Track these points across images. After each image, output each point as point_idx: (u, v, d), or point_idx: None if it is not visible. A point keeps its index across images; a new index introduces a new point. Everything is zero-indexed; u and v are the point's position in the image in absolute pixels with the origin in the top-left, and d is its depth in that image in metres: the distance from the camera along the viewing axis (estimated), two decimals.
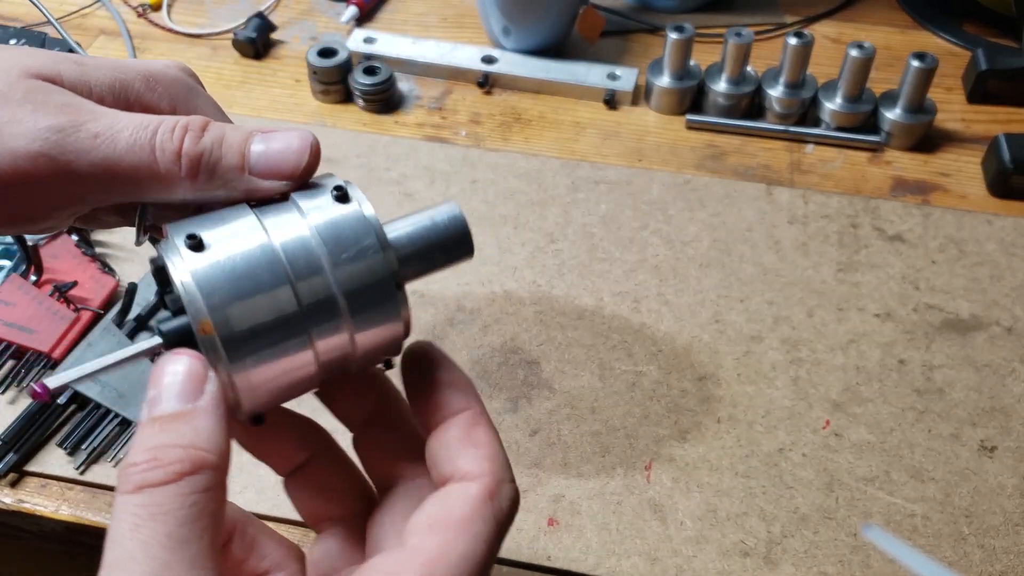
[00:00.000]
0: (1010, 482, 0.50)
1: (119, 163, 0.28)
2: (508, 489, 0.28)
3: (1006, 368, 0.54)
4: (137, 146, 0.28)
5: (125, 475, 0.24)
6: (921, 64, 0.64)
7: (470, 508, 0.27)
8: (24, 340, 0.53)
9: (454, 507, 0.27)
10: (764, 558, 0.47)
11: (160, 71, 0.32)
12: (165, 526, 0.23)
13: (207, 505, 0.24)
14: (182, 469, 0.24)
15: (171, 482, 0.24)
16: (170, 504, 0.24)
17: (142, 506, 0.23)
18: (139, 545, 0.23)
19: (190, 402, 0.25)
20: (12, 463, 0.49)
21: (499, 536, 0.28)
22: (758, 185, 0.65)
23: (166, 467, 0.24)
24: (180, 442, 0.25)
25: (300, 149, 0.29)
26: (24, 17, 0.79)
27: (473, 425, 0.29)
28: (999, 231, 0.62)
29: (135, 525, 0.23)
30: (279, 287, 0.27)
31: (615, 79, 0.72)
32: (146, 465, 0.24)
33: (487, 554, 0.27)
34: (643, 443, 0.51)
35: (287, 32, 0.78)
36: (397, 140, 0.68)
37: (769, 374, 0.54)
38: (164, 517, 0.23)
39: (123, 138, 0.28)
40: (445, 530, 0.27)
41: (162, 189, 0.29)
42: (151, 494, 0.24)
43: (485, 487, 0.28)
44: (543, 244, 0.61)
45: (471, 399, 0.30)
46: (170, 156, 0.28)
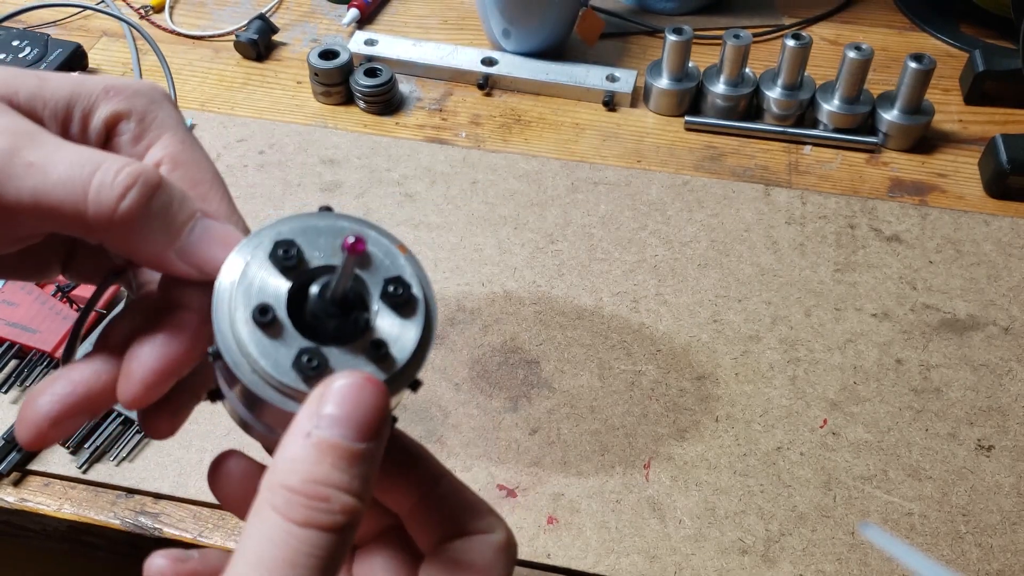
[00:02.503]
0: (1007, 481, 0.50)
1: (48, 196, 0.26)
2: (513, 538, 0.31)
3: (1003, 368, 0.55)
4: (71, 182, 0.26)
5: (286, 498, 0.23)
6: (919, 65, 0.65)
7: (493, 554, 0.29)
8: (27, 340, 0.53)
9: (481, 555, 0.29)
10: (762, 556, 0.47)
11: (122, 83, 0.30)
12: (317, 569, 0.23)
13: (344, 556, 0.24)
14: (345, 522, 0.24)
15: (334, 531, 0.23)
16: (329, 550, 0.23)
17: (303, 543, 0.23)
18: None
19: (370, 442, 0.24)
20: (15, 462, 0.50)
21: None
22: (756, 186, 0.65)
23: (334, 514, 0.23)
24: (351, 488, 0.24)
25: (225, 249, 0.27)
26: (27, 18, 0.80)
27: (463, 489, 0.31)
28: (996, 231, 0.62)
29: (291, 562, 0.23)
30: None
31: (614, 81, 0.72)
32: (316, 500, 0.23)
33: None
34: (642, 442, 0.51)
35: (288, 34, 0.79)
36: (398, 141, 0.69)
37: (767, 373, 0.54)
38: (320, 562, 0.23)
39: (58, 171, 0.26)
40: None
41: (85, 231, 0.26)
42: (316, 535, 0.23)
43: (504, 536, 0.30)
44: (543, 244, 0.62)
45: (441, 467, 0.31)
46: (107, 200, 0.26)
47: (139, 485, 0.49)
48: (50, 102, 0.29)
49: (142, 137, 0.30)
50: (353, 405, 0.24)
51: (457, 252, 0.61)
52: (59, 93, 0.29)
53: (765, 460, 0.51)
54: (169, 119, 0.31)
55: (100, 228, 0.26)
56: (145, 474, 0.50)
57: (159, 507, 0.49)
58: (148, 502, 0.49)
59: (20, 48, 0.72)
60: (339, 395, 0.24)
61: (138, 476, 0.50)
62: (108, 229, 0.26)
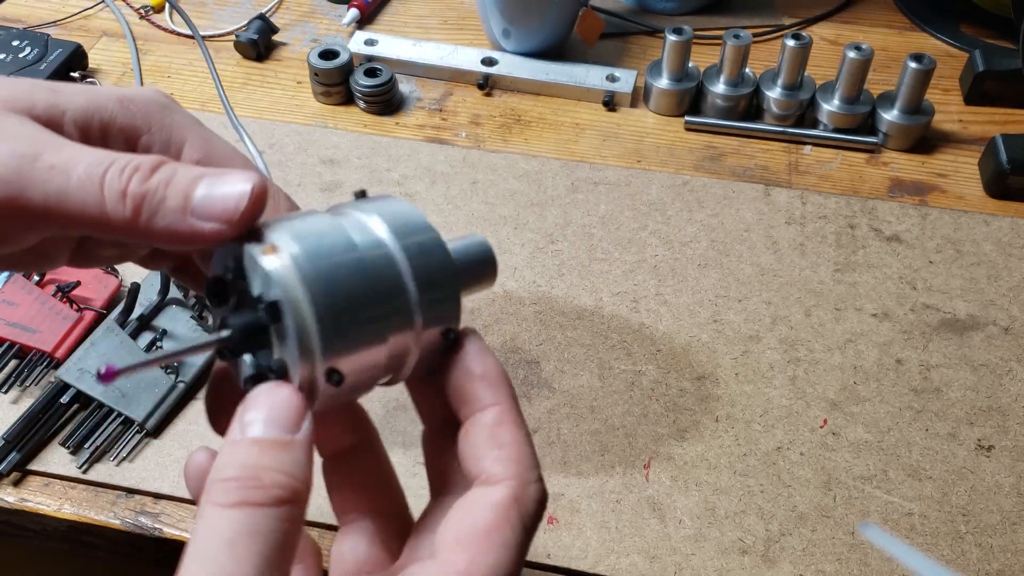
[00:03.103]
0: (1007, 481, 0.50)
1: (69, 197, 0.27)
2: (534, 490, 0.28)
3: (1003, 368, 0.55)
4: (89, 181, 0.27)
5: (221, 488, 0.24)
6: (919, 65, 0.65)
7: (495, 516, 0.27)
8: (27, 340, 0.53)
9: (480, 517, 0.27)
10: (762, 556, 0.47)
11: (134, 93, 0.31)
12: (261, 547, 0.24)
13: (294, 536, 0.25)
14: (282, 496, 0.25)
15: (271, 506, 0.24)
16: (268, 527, 0.24)
17: (240, 523, 0.24)
18: (233, 561, 0.23)
19: (290, 433, 0.26)
20: (15, 462, 0.50)
21: (527, 538, 0.28)
22: (756, 186, 0.65)
23: (267, 489, 0.24)
24: (282, 469, 0.25)
25: (239, 195, 0.27)
26: (27, 18, 0.80)
27: (499, 423, 0.29)
28: (996, 231, 0.62)
29: (231, 541, 0.23)
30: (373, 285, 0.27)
31: (614, 81, 0.72)
32: (248, 483, 0.24)
33: (516, 559, 0.27)
34: (642, 442, 0.51)
35: (288, 34, 0.79)
36: (398, 141, 0.69)
37: (767, 373, 0.54)
38: (261, 539, 0.24)
39: (77, 172, 0.27)
40: (473, 543, 0.27)
41: (108, 227, 0.28)
42: (251, 513, 0.24)
43: (510, 491, 0.28)
44: (543, 244, 0.62)
45: (500, 394, 0.29)
46: (116, 194, 0.27)
47: (139, 485, 0.49)
48: (68, 112, 0.30)
49: (169, 146, 0.31)
50: (268, 405, 0.26)
51: None
52: (76, 102, 0.30)
53: (765, 460, 0.51)
54: (186, 121, 0.32)
55: (120, 224, 0.27)
56: (145, 474, 0.50)
57: (159, 507, 0.49)
58: (148, 502, 0.49)
59: (20, 48, 0.72)
60: (254, 401, 0.26)
61: (138, 476, 0.50)
62: (123, 220, 0.27)
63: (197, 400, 0.53)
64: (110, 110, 0.31)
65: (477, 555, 0.27)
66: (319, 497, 0.33)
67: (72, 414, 0.52)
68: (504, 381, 0.30)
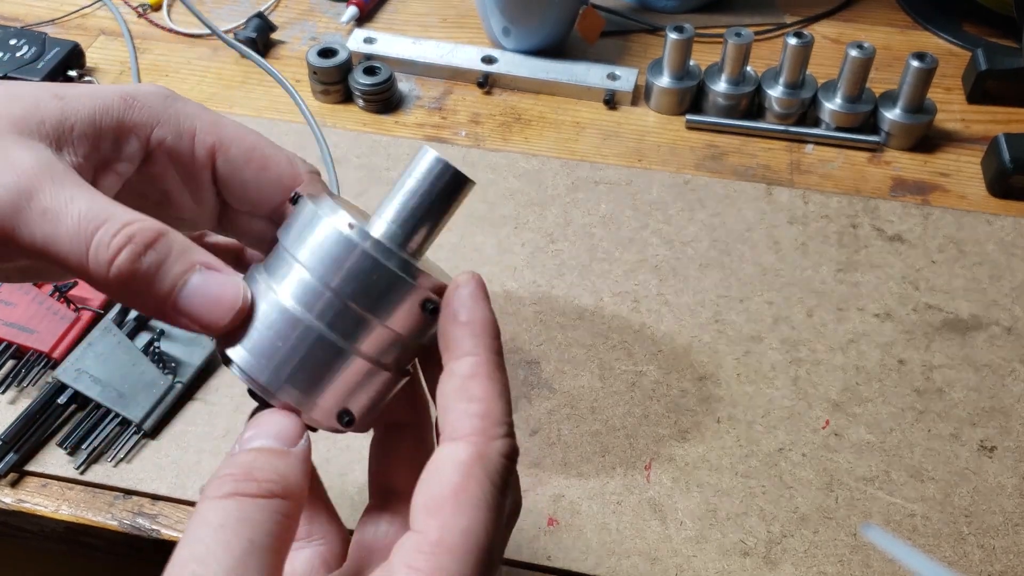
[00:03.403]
0: (1010, 482, 0.50)
1: (56, 246, 0.27)
2: (499, 445, 0.27)
3: (1006, 368, 0.55)
4: (77, 237, 0.27)
5: (219, 482, 0.26)
6: (921, 64, 0.64)
7: (460, 476, 0.27)
8: (24, 340, 0.53)
9: (445, 479, 0.27)
10: (764, 558, 0.47)
11: (134, 89, 0.31)
12: (249, 532, 0.25)
13: (285, 528, 0.26)
14: (273, 490, 0.26)
15: (263, 497, 0.25)
16: (258, 516, 0.25)
17: (231, 511, 0.25)
18: (221, 544, 0.24)
19: (287, 446, 0.28)
20: (12, 463, 0.49)
21: (499, 494, 0.27)
22: (758, 185, 0.65)
23: (260, 483, 0.26)
24: (275, 470, 0.26)
25: (227, 308, 0.28)
26: (24, 17, 0.79)
27: (472, 375, 0.28)
28: (999, 231, 0.62)
29: (221, 526, 0.24)
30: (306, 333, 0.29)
31: (615, 79, 0.72)
32: (242, 477, 0.26)
33: (492, 518, 0.26)
34: (643, 443, 0.51)
35: (287, 32, 0.78)
36: (397, 140, 0.68)
37: (769, 374, 0.54)
38: (250, 525, 0.25)
39: (67, 224, 0.27)
40: (441, 508, 0.26)
41: (90, 282, 0.28)
42: (242, 502, 0.25)
43: (474, 447, 0.27)
44: (543, 244, 0.61)
45: (480, 344, 0.29)
46: (102, 260, 0.27)
47: (137, 486, 0.49)
48: (76, 125, 0.30)
49: (180, 136, 0.31)
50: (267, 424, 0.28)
51: (457, 252, 0.61)
52: (81, 109, 0.30)
53: (767, 461, 0.50)
54: (192, 109, 0.32)
55: (99, 284, 0.28)
56: (143, 475, 0.49)
57: (157, 508, 0.49)
58: (146, 503, 0.49)
59: (18, 47, 0.72)
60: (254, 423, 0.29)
61: (136, 477, 0.49)
62: (106, 286, 0.27)
63: (195, 401, 0.53)
64: (116, 110, 0.31)
65: (447, 520, 0.26)
66: None
67: (70, 415, 0.52)
68: (488, 331, 0.29)
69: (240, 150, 0.32)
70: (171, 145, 0.31)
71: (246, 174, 0.32)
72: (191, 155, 0.32)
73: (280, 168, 0.33)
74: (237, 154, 0.32)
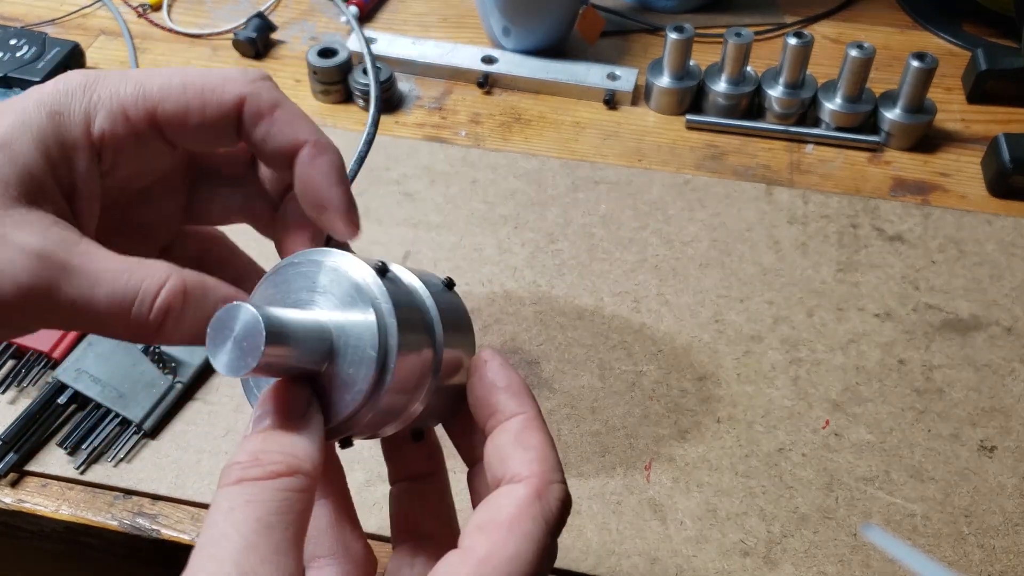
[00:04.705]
0: (1010, 482, 0.50)
1: (94, 303, 0.29)
2: (556, 489, 0.29)
3: (1006, 368, 0.55)
4: (115, 295, 0.29)
5: (227, 471, 0.27)
6: (921, 64, 0.64)
7: (517, 508, 0.28)
8: (24, 340, 0.53)
9: (503, 508, 0.28)
10: (764, 558, 0.47)
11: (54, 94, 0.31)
12: (256, 512, 0.25)
13: (295, 504, 0.26)
14: (278, 470, 0.27)
15: (268, 479, 0.26)
16: (264, 496, 0.26)
17: (239, 495, 0.26)
18: (231, 526, 0.25)
19: (293, 418, 0.28)
20: (12, 463, 0.49)
21: (549, 535, 0.28)
22: (758, 185, 0.65)
23: (265, 466, 0.27)
24: (280, 449, 0.27)
25: None
26: (24, 17, 0.79)
27: (524, 429, 0.30)
28: (999, 231, 0.62)
29: (230, 509, 0.25)
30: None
31: (615, 79, 0.72)
32: (248, 463, 0.27)
33: (537, 553, 0.27)
34: (643, 443, 0.51)
35: (287, 32, 0.78)
36: (397, 140, 0.68)
37: (769, 374, 0.54)
38: (257, 505, 0.26)
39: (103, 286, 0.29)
40: (494, 531, 0.28)
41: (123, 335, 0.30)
42: (249, 486, 0.26)
43: (533, 487, 0.29)
44: (543, 244, 0.61)
45: (525, 403, 0.31)
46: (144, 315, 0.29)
47: (137, 486, 0.49)
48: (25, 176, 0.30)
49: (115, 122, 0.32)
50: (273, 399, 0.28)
51: (457, 252, 0.61)
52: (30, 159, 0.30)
53: (767, 461, 0.50)
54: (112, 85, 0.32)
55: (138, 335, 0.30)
56: (143, 475, 0.49)
57: (157, 508, 0.49)
58: (146, 503, 0.49)
59: (18, 47, 0.72)
60: (262, 400, 0.29)
61: (136, 477, 0.49)
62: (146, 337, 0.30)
63: (195, 401, 0.53)
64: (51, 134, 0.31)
65: (497, 542, 0.27)
66: None
67: (70, 415, 0.52)
68: (528, 392, 0.32)
69: (173, 103, 0.32)
70: (111, 132, 0.32)
71: (192, 119, 0.32)
72: (133, 134, 0.32)
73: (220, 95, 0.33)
74: (173, 108, 0.32)
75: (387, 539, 0.47)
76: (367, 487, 0.49)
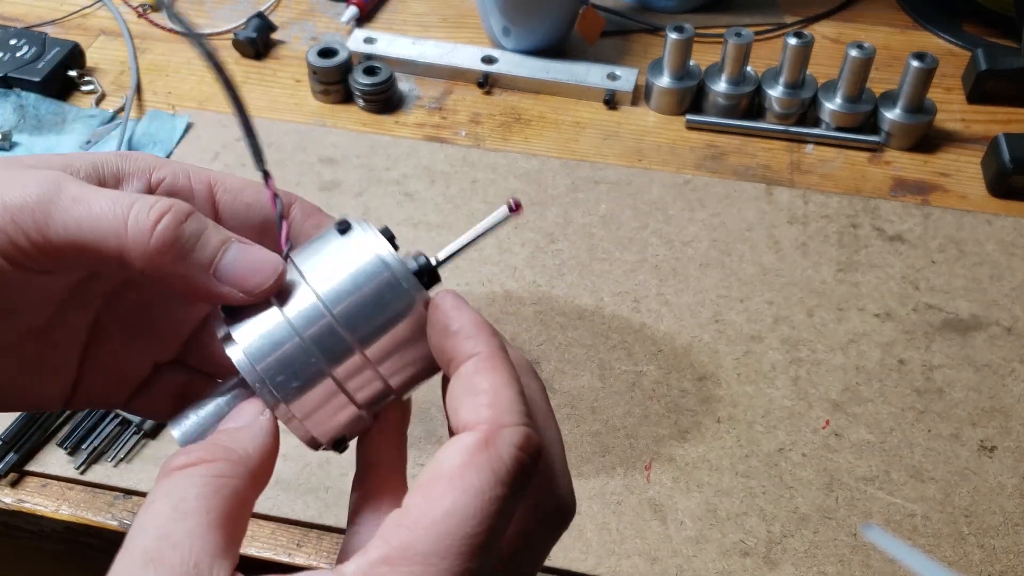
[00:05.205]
0: (1010, 482, 0.50)
1: (91, 227, 0.28)
2: (510, 433, 0.26)
3: (1006, 368, 0.54)
4: (111, 213, 0.28)
5: (161, 468, 0.27)
6: (921, 64, 0.64)
7: (460, 460, 0.25)
8: None
9: (445, 462, 0.26)
10: (764, 558, 0.47)
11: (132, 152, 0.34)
12: (172, 500, 0.25)
13: (219, 488, 0.26)
14: (202, 456, 0.27)
15: (191, 465, 0.26)
16: (182, 483, 0.26)
17: (161, 486, 0.26)
18: (149, 516, 0.25)
19: (239, 424, 0.29)
20: (12, 463, 0.49)
21: (501, 485, 0.25)
22: (758, 185, 0.65)
23: (190, 454, 0.27)
24: (211, 441, 0.28)
25: (269, 272, 0.29)
26: (24, 17, 0.79)
27: (476, 371, 0.27)
28: (999, 231, 0.62)
29: (151, 502, 0.26)
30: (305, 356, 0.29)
31: (615, 79, 0.72)
32: (176, 455, 0.27)
33: (484, 507, 0.25)
34: (643, 443, 0.51)
35: (287, 32, 0.78)
36: (397, 140, 0.68)
37: (769, 374, 0.54)
38: (174, 493, 0.25)
39: (100, 204, 0.28)
40: (431, 487, 0.25)
41: (126, 260, 0.28)
42: (172, 476, 0.26)
43: (481, 434, 0.26)
44: (543, 244, 0.61)
45: (478, 343, 0.28)
46: (143, 226, 0.28)
47: (137, 486, 0.49)
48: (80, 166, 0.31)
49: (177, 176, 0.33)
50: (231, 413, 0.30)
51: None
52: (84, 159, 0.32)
53: (767, 461, 0.50)
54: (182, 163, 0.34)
55: (139, 255, 0.28)
56: (143, 475, 0.49)
57: None
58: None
59: (18, 47, 0.72)
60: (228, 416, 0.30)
61: (136, 477, 0.49)
62: (146, 256, 0.28)
63: None
64: (112, 161, 0.32)
65: (432, 500, 0.25)
66: None
67: (70, 415, 0.51)
68: (482, 330, 0.28)
69: (233, 181, 0.33)
70: (171, 182, 0.32)
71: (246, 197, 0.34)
72: (190, 189, 0.33)
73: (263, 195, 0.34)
74: (233, 183, 0.33)
75: None
76: None
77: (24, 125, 0.68)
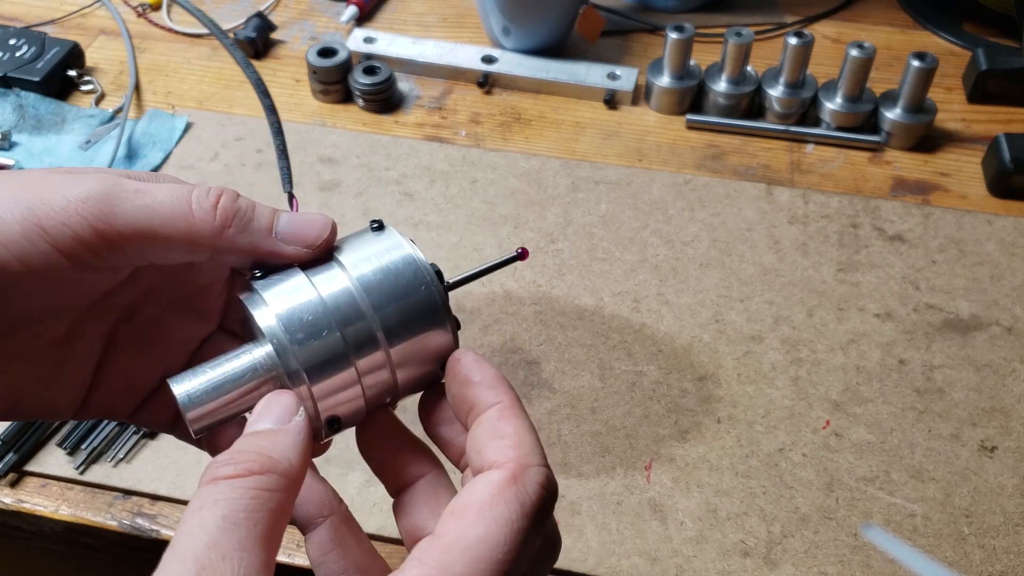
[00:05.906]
0: (1010, 482, 0.50)
1: (157, 212, 0.30)
2: (535, 472, 0.28)
3: (1006, 368, 0.54)
4: (176, 199, 0.30)
5: (205, 471, 0.27)
6: (921, 64, 0.64)
7: (489, 493, 0.28)
8: None
9: (475, 494, 0.28)
10: (764, 558, 0.47)
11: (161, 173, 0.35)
12: (223, 510, 0.25)
13: (266, 501, 0.26)
14: (251, 468, 0.27)
15: (239, 476, 0.26)
16: (232, 493, 0.26)
17: (208, 493, 0.26)
18: (197, 523, 0.25)
19: (278, 425, 0.29)
20: (12, 463, 0.49)
21: (526, 518, 0.28)
22: (758, 185, 0.65)
23: (238, 464, 0.27)
24: (255, 448, 0.28)
25: (323, 224, 0.32)
26: (24, 17, 0.79)
27: (500, 418, 0.30)
28: (999, 231, 0.62)
29: (198, 507, 0.26)
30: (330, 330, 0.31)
31: (615, 79, 0.72)
32: (223, 462, 0.27)
33: (512, 537, 0.27)
34: (643, 443, 0.51)
35: (287, 32, 0.78)
36: (397, 140, 0.68)
37: (769, 374, 0.54)
38: (224, 503, 0.26)
39: (161, 191, 0.30)
40: (463, 515, 0.27)
41: (194, 242, 0.30)
42: (219, 484, 0.26)
43: (508, 471, 0.28)
44: (543, 244, 0.61)
45: (500, 393, 0.31)
46: (206, 207, 0.30)
47: (136, 486, 0.49)
48: None
49: None
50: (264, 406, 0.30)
51: (457, 251, 0.61)
52: None
53: (767, 461, 0.50)
54: None
55: (208, 234, 0.30)
56: (143, 475, 0.49)
57: (156, 508, 0.49)
58: (145, 503, 0.49)
59: (17, 46, 0.72)
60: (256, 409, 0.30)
61: (135, 477, 0.49)
62: (215, 232, 0.30)
63: None
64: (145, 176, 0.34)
65: (465, 525, 0.27)
66: None
67: None
68: (503, 381, 0.31)
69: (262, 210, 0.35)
70: None
71: None
72: None
73: None
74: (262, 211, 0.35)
75: (388, 539, 0.47)
76: (367, 487, 0.49)
77: (23, 125, 0.68)
